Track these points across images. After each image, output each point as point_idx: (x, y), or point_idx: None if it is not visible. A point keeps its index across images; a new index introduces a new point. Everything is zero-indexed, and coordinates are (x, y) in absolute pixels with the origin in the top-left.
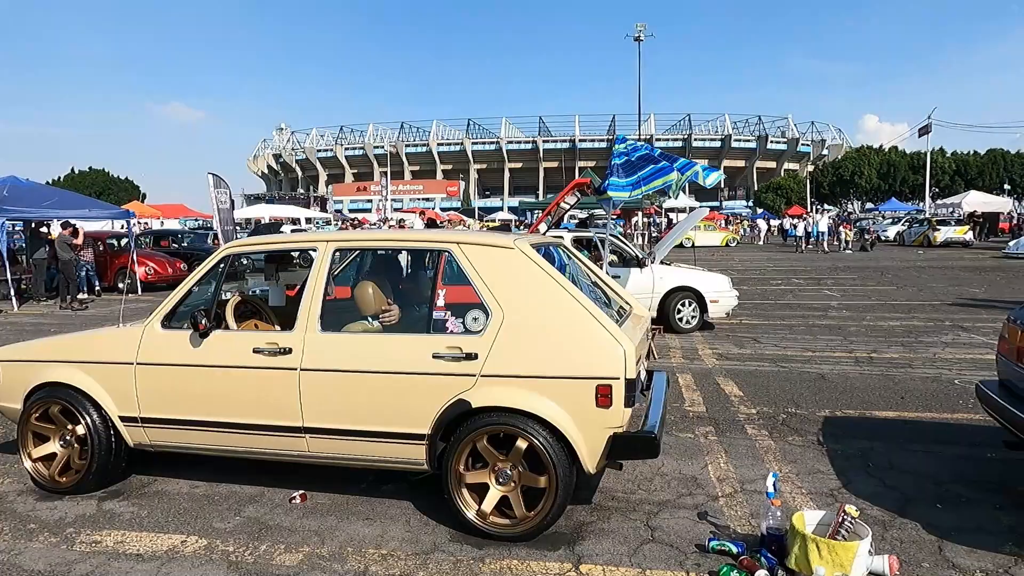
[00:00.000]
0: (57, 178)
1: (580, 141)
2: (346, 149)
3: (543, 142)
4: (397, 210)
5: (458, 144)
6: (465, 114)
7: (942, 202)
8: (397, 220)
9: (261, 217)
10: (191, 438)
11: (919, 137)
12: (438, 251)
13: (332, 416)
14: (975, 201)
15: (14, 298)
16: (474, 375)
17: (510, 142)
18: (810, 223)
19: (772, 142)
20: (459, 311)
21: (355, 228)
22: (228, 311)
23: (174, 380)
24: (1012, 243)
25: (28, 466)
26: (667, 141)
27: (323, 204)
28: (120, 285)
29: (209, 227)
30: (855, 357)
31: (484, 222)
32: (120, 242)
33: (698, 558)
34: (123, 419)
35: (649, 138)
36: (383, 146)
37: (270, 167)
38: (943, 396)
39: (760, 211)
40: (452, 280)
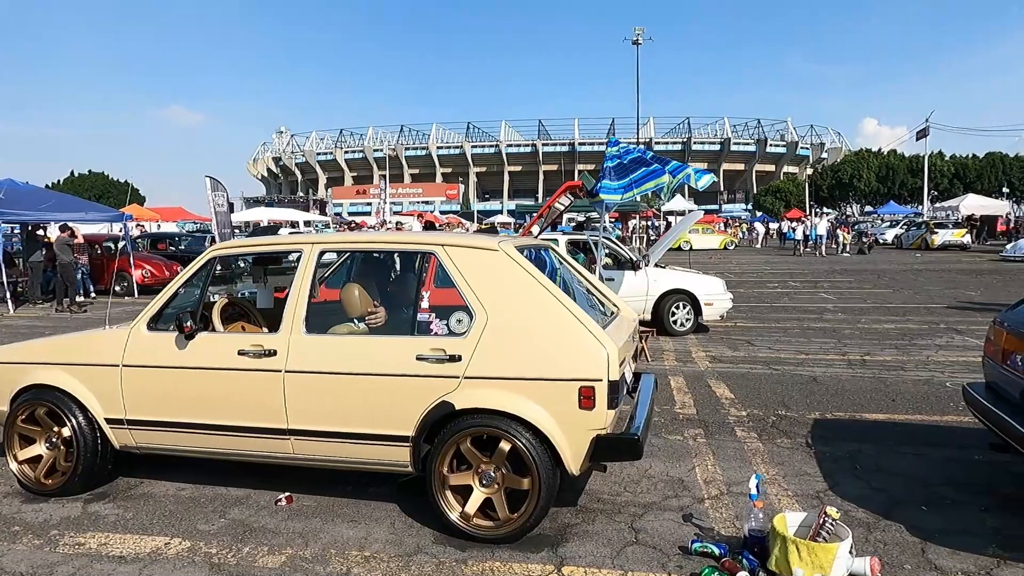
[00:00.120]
0: (57, 181)
1: (579, 144)
2: (346, 152)
3: (543, 145)
4: (396, 213)
5: (457, 147)
6: (465, 117)
7: (940, 205)
8: (395, 223)
9: (260, 220)
10: (176, 440)
11: (917, 140)
12: (423, 253)
13: (317, 418)
14: (973, 204)
15: (10, 301)
16: (458, 377)
17: (509, 145)
18: (808, 226)
19: (771, 145)
20: (447, 313)
21: (352, 231)
22: (215, 313)
23: (160, 382)
24: (1009, 246)
25: (14, 468)
26: (667, 144)
27: (322, 207)
28: (116, 288)
29: (207, 230)
30: (848, 360)
31: (484, 224)
32: (117, 245)
33: (680, 560)
34: (109, 421)
35: (648, 141)
36: (382, 149)
37: (270, 170)
38: (934, 398)
39: (759, 214)
40: (444, 283)
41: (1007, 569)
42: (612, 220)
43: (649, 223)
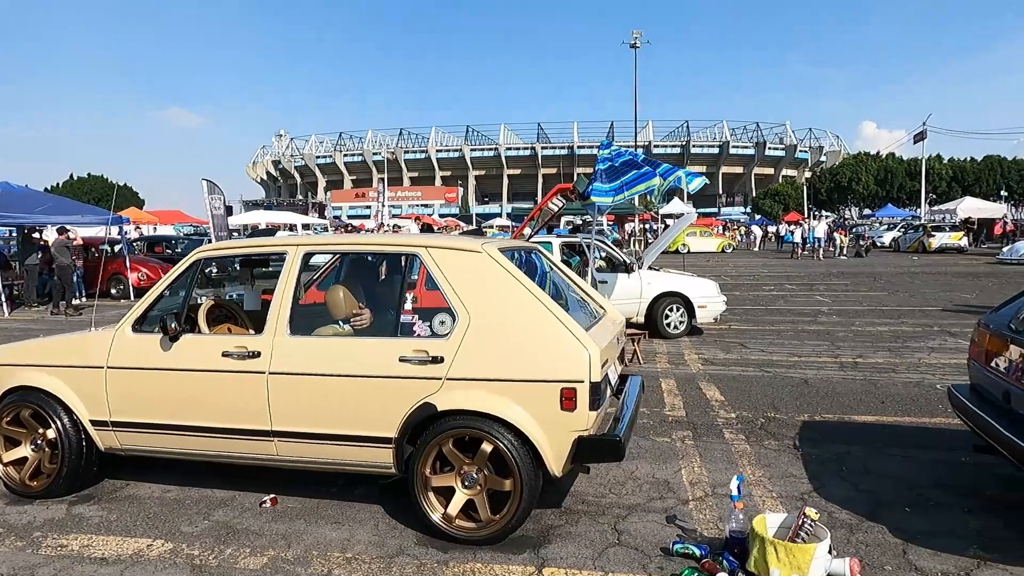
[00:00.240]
0: (56, 184)
1: (579, 147)
2: (345, 155)
3: (542, 148)
4: (396, 216)
5: (457, 150)
6: (464, 120)
7: (937, 208)
8: (392, 226)
9: (258, 223)
10: (161, 442)
11: (914, 144)
12: (407, 255)
13: (300, 420)
14: (970, 207)
15: (5, 304)
16: (440, 378)
17: (509, 148)
18: (806, 229)
19: (770, 148)
20: (431, 315)
21: (349, 234)
22: (200, 315)
23: (144, 384)
24: (1006, 249)
25: None
26: (665, 148)
27: (321, 210)
28: (113, 291)
29: (204, 233)
30: (840, 362)
31: (484, 227)
32: (114, 248)
33: (662, 561)
34: (94, 423)
35: (647, 144)
36: (381, 152)
37: (269, 173)
38: (924, 400)
39: (758, 217)
40: (434, 285)
41: (987, 570)
42: (609, 223)
43: (647, 226)
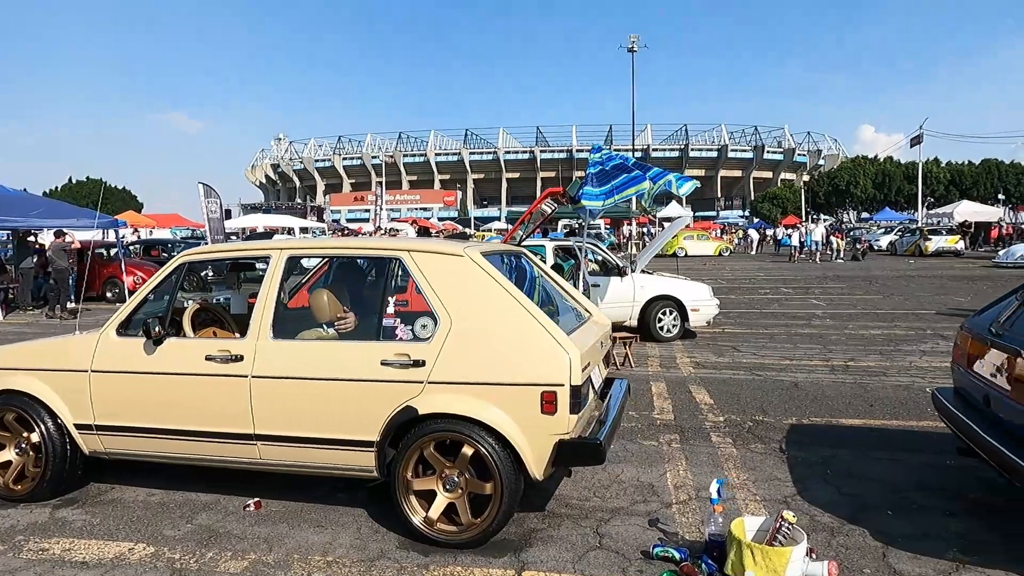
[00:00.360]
0: (55, 187)
1: (577, 151)
2: (344, 159)
3: (540, 152)
4: (394, 220)
5: (455, 154)
6: (463, 124)
7: (934, 212)
8: (388, 229)
9: (255, 226)
10: (145, 445)
11: (911, 147)
12: (390, 259)
13: (282, 423)
14: (966, 211)
15: (0, 307)
16: (421, 382)
17: (507, 152)
18: (803, 232)
19: (768, 152)
20: (413, 319)
21: (347, 236)
22: (185, 319)
23: (128, 387)
24: (1002, 252)
25: None
26: (664, 151)
27: (320, 214)
28: (108, 295)
29: (201, 236)
30: (831, 365)
31: (481, 231)
32: (109, 252)
33: (642, 564)
34: (78, 427)
35: (646, 148)
36: (379, 156)
37: (268, 177)
38: (912, 404)
39: (756, 220)
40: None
41: (965, 574)
42: (606, 227)
43: (644, 230)
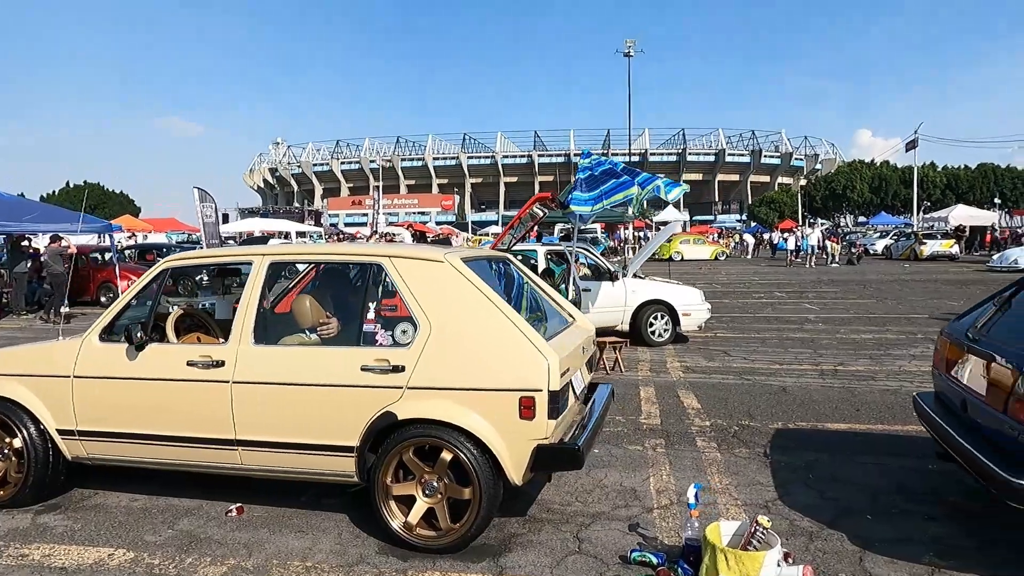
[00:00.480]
0: (52, 191)
1: (575, 155)
2: (342, 163)
3: (538, 156)
4: (392, 224)
5: (454, 158)
6: (461, 128)
7: (929, 216)
8: (383, 233)
9: (252, 231)
10: (127, 451)
11: (906, 152)
12: (371, 265)
13: (263, 428)
14: (961, 215)
15: None
16: (401, 387)
17: (505, 156)
18: (799, 237)
19: (766, 156)
20: (394, 325)
21: (343, 241)
22: (168, 324)
23: (110, 393)
24: (996, 257)
25: None
26: (662, 156)
27: (317, 218)
28: (103, 299)
29: (197, 241)
30: (820, 370)
31: (478, 235)
32: (104, 256)
33: (619, 569)
34: (61, 432)
35: (644, 152)
36: (377, 160)
37: (266, 181)
38: (899, 408)
39: (753, 224)
40: None
41: None
42: (602, 231)
43: (641, 234)
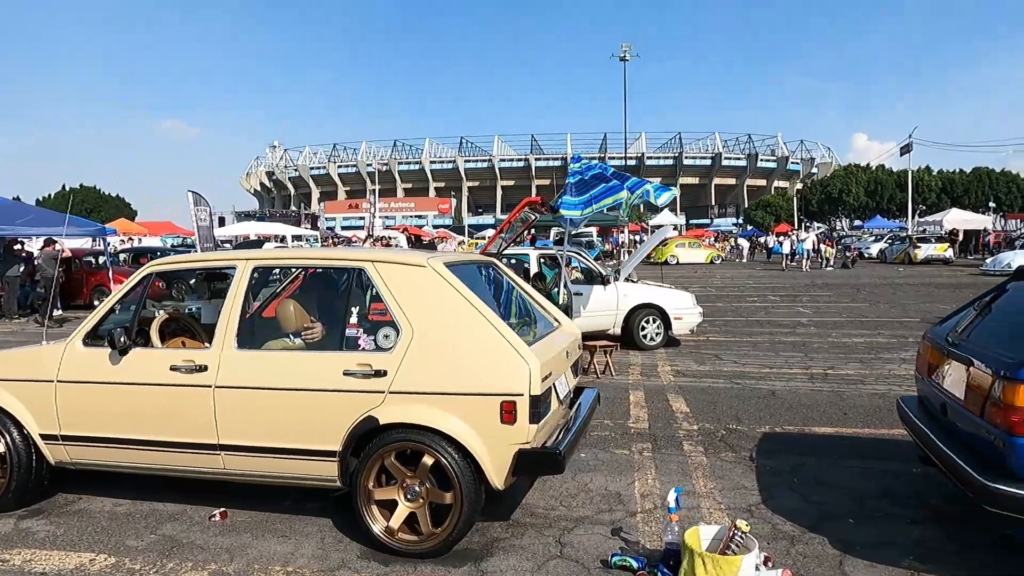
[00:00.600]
0: (48, 195)
1: (572, 159)
2: (339, 167)
3: (535, 160)
4: (388, 227)
5: (451, 162)
6: (458, 131)
7: (923, 220)
8: (377, 237)
9: (248, 234)
10: (110, 456)
11: (901, 156)
12: (353, 269)
13: (246, 433)
14: (956, 219)
15: None
16: (383, 392)
17: (502, 160)
18: (795, 240)
19: (762, 160)
20: (376, 329)
21: (339, 244)
22: (153, 329)
23: (93, 397)
24: (989, 260)
25: None
26: (659, 159)
27: (314, 221)
28: (96, 303)
29: (192, 244)
30: (810, 374)
31: (475, 239)
32: (97, 260)
33: (600, 573)
34: (44, 437)
35: (640, 156)
36: (373, 164)
37: (263, 184)
38: (886, 412)
39: (749, 228)
40: None
41: None
42: (597, 235)
43: (637, 238)
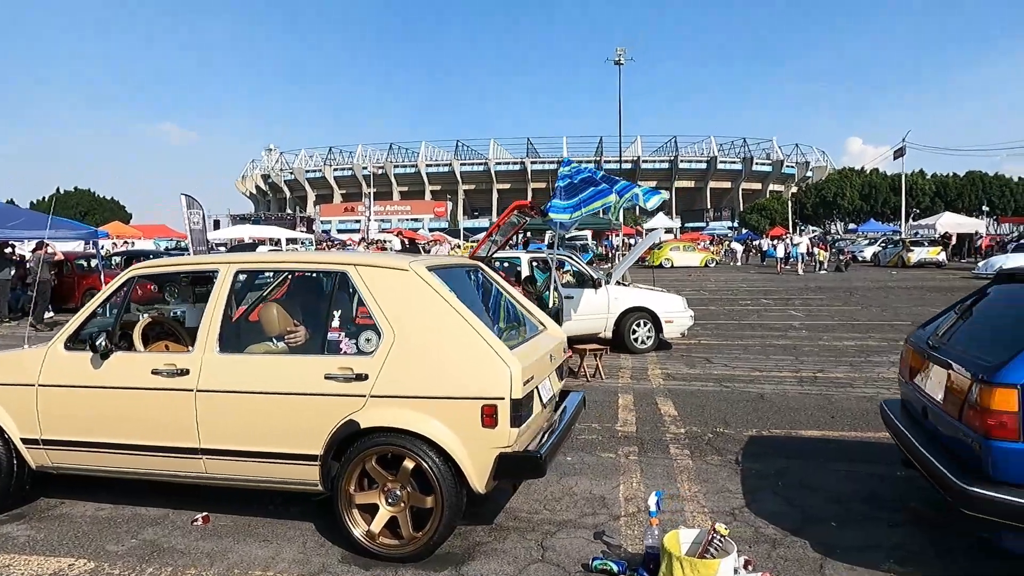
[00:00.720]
0: (42, 198)
1: (563, 163)
2: (335, 170)
3: (531, 163)
4: (384, 231)
5: (447, 165)
6: (454, 135)
7: (917, 223)
8: (371, 240)
9: (242, 237)
10: (92, 460)
11: (894, 159)
12: (335, 273)
13: (227, 437)
14: (949, 222)
15: None
16: (364, 396)
17: (498, 163)
18: (789, 244)
19: (757, 164)
20: (358, 333)
21: (333, 248)
22: (135, 332)
23: (75, 401)
24: (981, 264)
25: None
26: (654, 163)
27: (309, 224)
28: None
29: (185, 248)
30: (799, 377)
31: (470, 242)
32: (89, 263)
33: None
34: (25, 441)
35: (636, 159)
36: (368, 167)
37: (259, 187)
38: (873, 415)
39: (744, 231)
40: None
41: None
42: (591, 238)
43: (632, 241)
